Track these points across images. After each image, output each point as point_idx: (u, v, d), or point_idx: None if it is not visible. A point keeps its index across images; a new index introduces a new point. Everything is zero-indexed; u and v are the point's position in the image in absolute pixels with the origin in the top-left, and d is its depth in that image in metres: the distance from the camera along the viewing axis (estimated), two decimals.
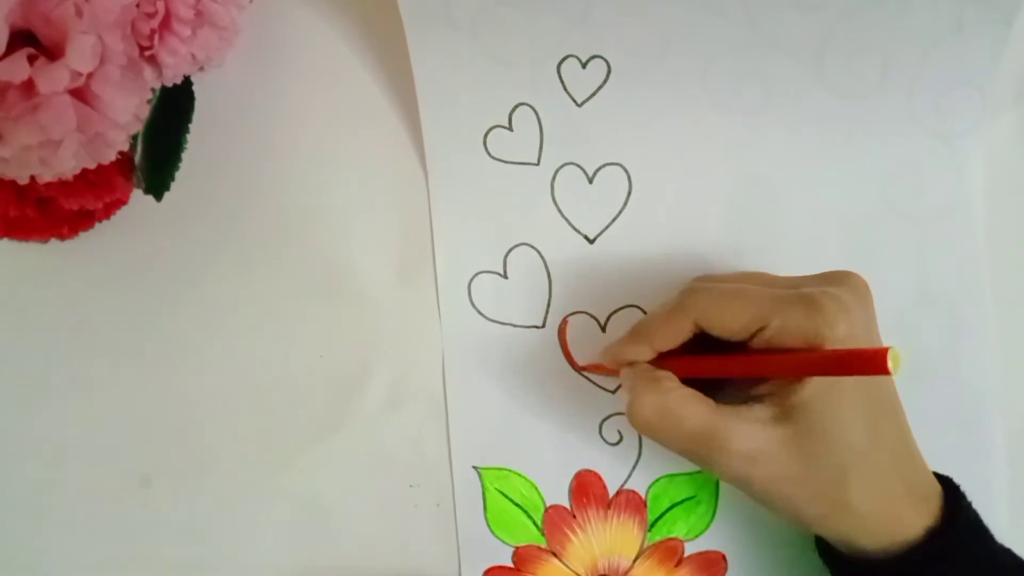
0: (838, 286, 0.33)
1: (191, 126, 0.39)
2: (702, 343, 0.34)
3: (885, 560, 0.32)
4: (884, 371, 0.27)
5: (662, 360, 0.35)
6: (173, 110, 0.38)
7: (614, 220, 0.40)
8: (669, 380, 0.33)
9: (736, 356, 0.34)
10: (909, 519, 0.32)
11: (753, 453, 0.32)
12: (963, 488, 0.34)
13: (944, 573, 0.32)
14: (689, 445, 0.33)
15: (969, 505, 0.34)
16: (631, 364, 0.35)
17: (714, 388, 0.33)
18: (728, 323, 0.33)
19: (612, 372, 0.38)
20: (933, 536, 0.32)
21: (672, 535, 0.40)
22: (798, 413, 0.32)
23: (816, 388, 0.31)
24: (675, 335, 0.34)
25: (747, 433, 0.32)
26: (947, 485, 0.34)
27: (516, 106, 0.40)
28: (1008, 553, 0.34)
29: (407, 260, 0.40)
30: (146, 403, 0.39)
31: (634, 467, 0.40)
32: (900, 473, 0.33)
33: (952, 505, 0.33)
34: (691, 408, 0.32)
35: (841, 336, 0.31)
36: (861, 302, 0.33)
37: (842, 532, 0.33)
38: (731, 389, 0.34)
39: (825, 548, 0.35)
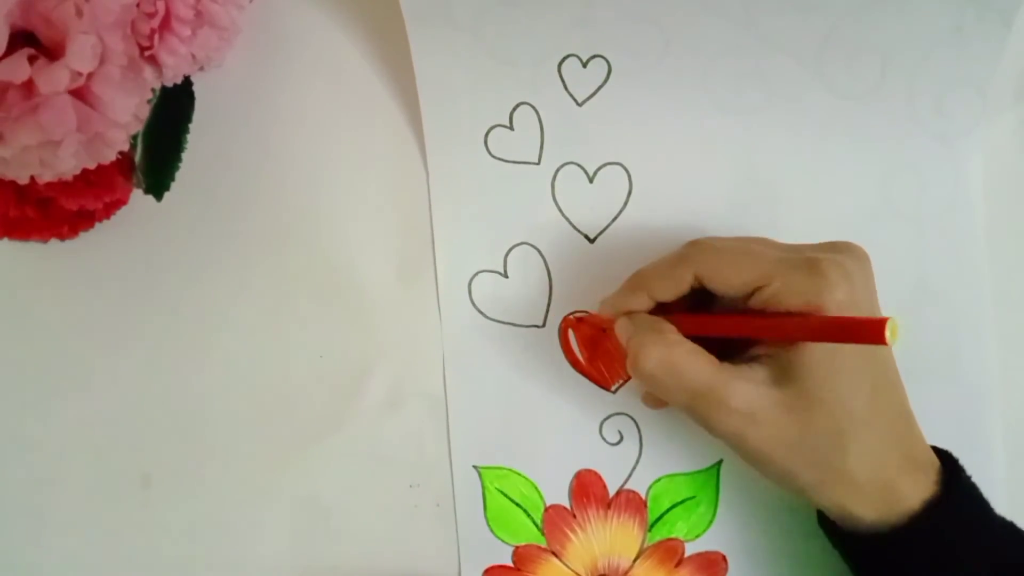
0: (840, 253, 0.33)
1: (191, 126, 0.39)
2: (694, 305, 0.35)
3: (882, 531, 0.33)
4: (881, 341, 0.28)
5: (661, 315, 0.35)
6: (173, 110, 0.38)
7: (614, 219, 0.40)
8: (673, 333, 0.33)
9: (736, 316, 0.34)
10: (906, 490, 0.32)
11: (751, 412, 0.32)
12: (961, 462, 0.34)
13: (941, 544, 0.32)
14: (689, 400, 0.33)
15: (968, 478, 0.34)
16: (629, 315, 0.35)
17: (709, 349, 0.33)
18: (730, 278, 0.33)
19: (606, 323, 0.37)
20: (930, 507, 0.32)
21: (672, 535, 0.40)
22: (798, 376, 0.32)
23: (817, 352, 0.32)
24: (675, 286, 0.34)
25: (746, 392, 0.32)
26: (946, 459, 0.34)
27: (517, 105, 0.40)
28: (1009, 526, 0.34)
29: (407, 260, 0.40)
30: (146, 403, 0.39)
31: (634, 467, 0.40)
32: (898, 444, 0.33)
33: (950, 478, 0.33)
34: (695, 363, 0.32)
35: (841, 301, 0.31)
36: (862, 270, 0.33)
37: (838, 501, 0.33)
38: (727, 351, 0.34)
39: (825, 519, 0.35)
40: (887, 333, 0.27)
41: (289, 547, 0.39)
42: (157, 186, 0.38)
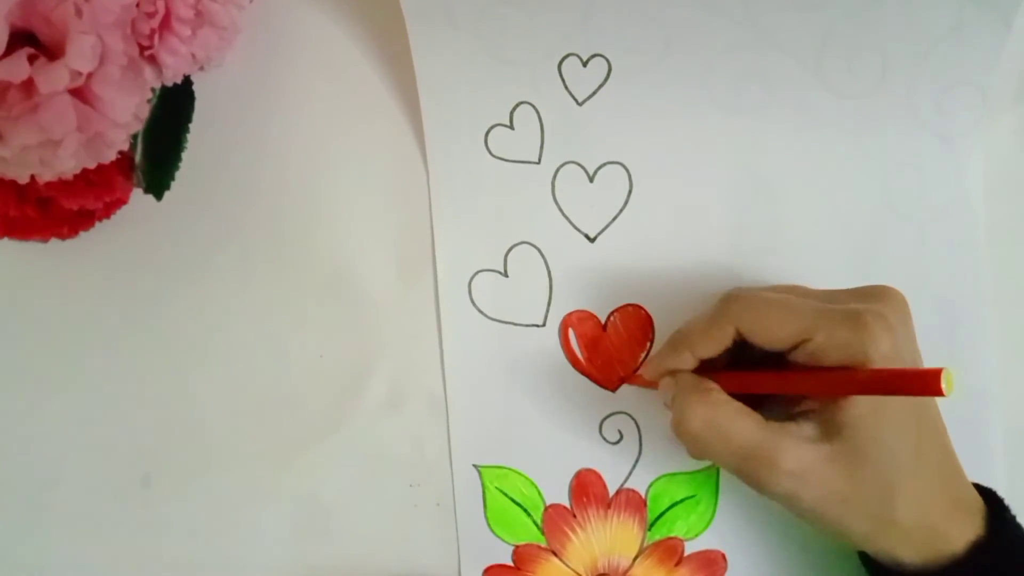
0: (879, 302, 0.33)
1: (191, 126, 0.39)
2: (735, 359, 0.34)
3: (928, 573, 0.32)
4: (938, 392, 0.27)
5: (704, 374, 0.35)
6: (173, 110, 0.38)
7: (615, 219, 0.40)
8: (718, 392, 0.33)
9: (781, 372, 0.33)
10: (954, 534, 0.32)
11: (801, 471, 0.32)
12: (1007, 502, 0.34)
13: None
14: (736, 461, 0.32)
15: (1014, 519, 0.34)
16: (673, 374, 0.35)
17: (753, 403, 0.33)
18: (771, 333, 0.33)
19: (650, 385, 0.37)
20: (977, 551, 0.32)
21: (672, 534, 0.40)
22: (846, 430, 0.31)
23: (864, 405, 0.31)
24: (716, 342, 0.34)
25: (795, 451, 0.32)
26: (990, 498, 0.34)
27: (517, 105, 0.40)
28: None
29: (407, 259, 0.40)
30: (146, 403, 0.39)
31: (634, 466, 0.40)
32: (946, 488, 0.33)
33: (997, 519, 0.33)
34: (741, 424, 0.32)
35: (885, 353, 0.31)
36: (902, 319, 0.33)
37: (887, 548, 0.33)
38: (772, 405, 0.34)
39: (868, 559, 0.35)
40: (943, 384, 0.27)
41: (289, 547, 0.39)
42: (157, 186, 0.38)
